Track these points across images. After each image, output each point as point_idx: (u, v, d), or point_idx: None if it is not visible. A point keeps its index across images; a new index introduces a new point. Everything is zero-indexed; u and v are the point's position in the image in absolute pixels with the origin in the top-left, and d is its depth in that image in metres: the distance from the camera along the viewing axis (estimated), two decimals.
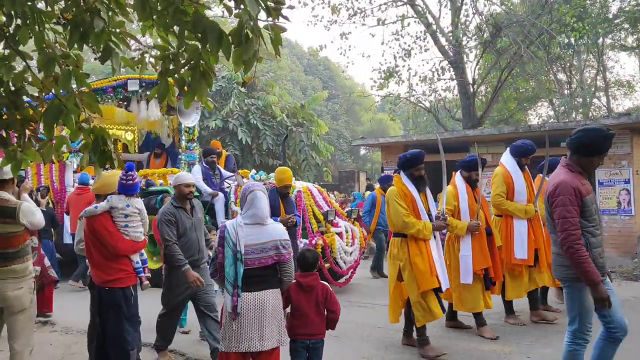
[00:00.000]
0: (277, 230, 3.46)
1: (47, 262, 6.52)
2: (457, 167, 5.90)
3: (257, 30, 2.36)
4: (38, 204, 7.90)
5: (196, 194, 8.66)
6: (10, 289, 3.75)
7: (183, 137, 11.20)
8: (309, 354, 3.65)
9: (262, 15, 2.40)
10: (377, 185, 10.34)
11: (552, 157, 6.63)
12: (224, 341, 3.38)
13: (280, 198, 6.62)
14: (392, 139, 16.05)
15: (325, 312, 3.68)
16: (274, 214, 6.00)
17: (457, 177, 5.81)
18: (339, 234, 7.89)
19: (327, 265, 7.56)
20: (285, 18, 2.32)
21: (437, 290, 4.93)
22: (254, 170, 9.04)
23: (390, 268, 5.12)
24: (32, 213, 3.86)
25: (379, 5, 18.55)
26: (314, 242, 7.38)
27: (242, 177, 8.79)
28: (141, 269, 4.19)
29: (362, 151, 36.95)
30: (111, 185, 4.25)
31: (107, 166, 3.16)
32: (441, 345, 5.15)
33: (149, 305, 5.10)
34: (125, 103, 10.73)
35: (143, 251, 4.30)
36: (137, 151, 12.40)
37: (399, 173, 5.17)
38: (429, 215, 5.08)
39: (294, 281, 3.62)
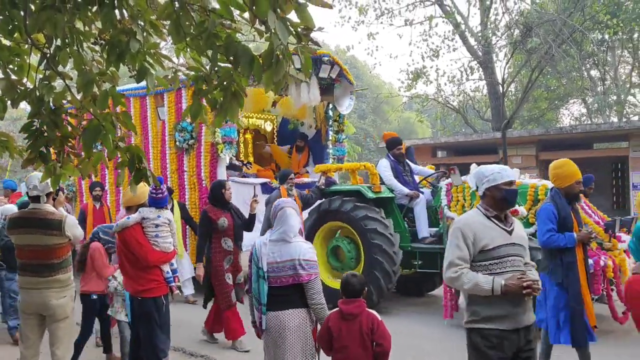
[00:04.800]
0: (299, 249, 3.31)
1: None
2: None
3: (288, 54, 2.41)
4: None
5: (387, 194, 7.14)
6: (54, 298, 3.92)
7: (331, 127, 9.65)
8: None
9: (292, 38, 2.46)
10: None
11: (584, 159, 6.37)
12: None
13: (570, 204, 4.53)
14: (420, 140, 15.97)
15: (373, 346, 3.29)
16: (566, 228, 4.33)
17: None
18: (626, 252, 5.79)
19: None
20: (315, 43, 2.36)
21: None
22: (474, 165, 7.35)
23: None
24: (76, 226, 4.05)
25: (406, 6, 18.48)
26: (601, 262, 5.49)
27: (460, 176, 6.58)
28: (172, 279, 4.32)
29: None
30: (141, 196, 4.38)
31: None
32: None
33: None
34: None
35: (173, 261, 4.42)
36: (276, 144, 10.82)
37: None
38: None
39: (336, 309, 3.35)
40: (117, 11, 2.65)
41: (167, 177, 8.46)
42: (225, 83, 2.71)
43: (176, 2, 2.52)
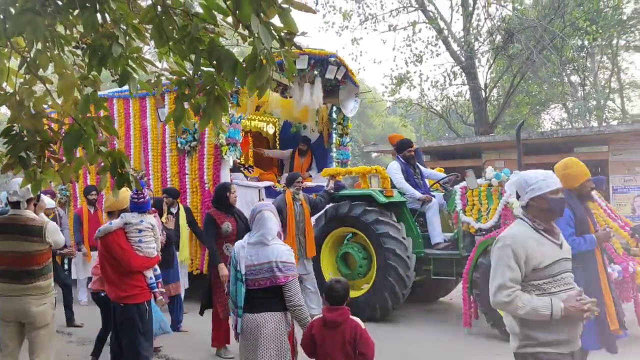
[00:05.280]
0: (276, 251, 3.34)
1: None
2: None
3: (271, 58, 2.41)
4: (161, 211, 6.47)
5: (399, 198, 6.94)
6: (34, 305, 3.86)
7: (335, 130, 9.46)
8: None
9: (275, 43, 2.46)
10: None
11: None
12: None
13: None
14: None
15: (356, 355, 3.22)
16: (583, 231, 4.12)
17: None
18: None
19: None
20: (298, 48, 2.37)
21: None
22: (490, 168, 6.50)
23: None
24: (57, 232, 4.00)
25: (390, 11, 18.60)
26: (630, 269, 5.25)
27: (475, 179, 6.34)
28: (155, 284, 4.26)
29: (374, 154, 36.96)
30: (123, 201, 4.32)
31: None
32: None
33: None
34: (281, 87, 8.60)
35: (157, 266, 4.37)
36: (278, 147, 10.55)
37: None
38: None
39: (319, 315, 3.34)
40: (99, 15, 2.63)
41: (168, 180, 8.13)
42: (208, 87, 2.70)
43: (159, 7, 2.50)
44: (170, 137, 8.10)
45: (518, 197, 2.87)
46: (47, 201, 6.88)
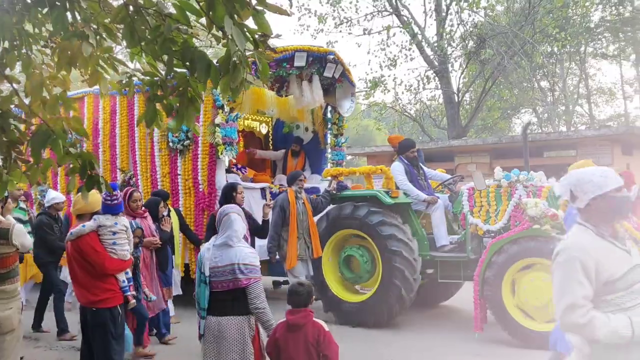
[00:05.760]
0: (239, 254, 3.32)
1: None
2: None
3: (245, 60, 2.40)
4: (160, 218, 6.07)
5: (405, 199, 6.75)
6: (0, 310, 3.74)
7: (329, 131, 9.16)
8: None
9: (250, 44, 2.45)
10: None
11: (535, 166, 6.22)
12: None
13: None
14: (378, 148, 16.17)
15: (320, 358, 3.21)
16: None
17: None
18: None
19: None
20: (272, 50, 2.37)
21: None
22: (498, 168, 6.32)
23: None
24: (24, 234, 3.90)
25: (365, 15, 18.72)
26: None
27: (484, 179, 6.14)
28: (127, 288, 4.19)
29: (349, 157, 37.19)
30: (94, 204, 4.23)
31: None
32: None
33: None
34: (277, 85, 8.23)
35: (128, 270, 4.30)
36: (271, 147, 10.08)
37: None
38: None
39: (283, 320, 3.31)
40: (68, 13, 2.58)
41: (158, 181, 7.65)
42: (181, 89, 2.67)
43: (130, 6, 2.47)
44: (160, 135, 7.64)
45: (574, 199, 2.46)
46: (54, 194, 6.52)
